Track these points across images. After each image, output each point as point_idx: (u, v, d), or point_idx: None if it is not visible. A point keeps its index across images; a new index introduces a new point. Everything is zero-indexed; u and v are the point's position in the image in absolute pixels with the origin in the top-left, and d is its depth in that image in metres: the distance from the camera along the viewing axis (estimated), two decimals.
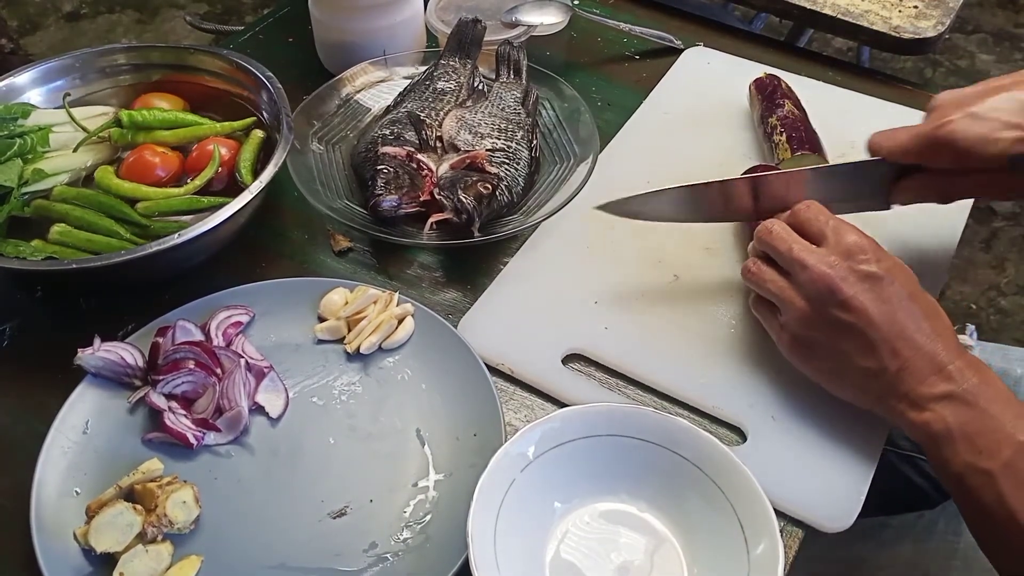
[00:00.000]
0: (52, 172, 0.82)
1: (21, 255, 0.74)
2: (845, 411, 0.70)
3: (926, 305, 0.65)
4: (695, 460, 0.63)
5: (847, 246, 0.65)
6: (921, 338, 0.62)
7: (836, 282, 0.64)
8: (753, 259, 0.71)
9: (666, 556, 0.62)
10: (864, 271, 0.64)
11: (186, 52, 0.91)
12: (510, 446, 0.62)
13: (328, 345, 0.75)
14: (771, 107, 0.90)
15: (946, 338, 0.63)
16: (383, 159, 0.83)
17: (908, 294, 0.64)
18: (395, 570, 0.62)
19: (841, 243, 0.66)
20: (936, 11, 1.05)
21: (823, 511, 0.65)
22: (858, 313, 0.63)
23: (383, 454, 0.68)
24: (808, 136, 0.86)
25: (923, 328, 0.63)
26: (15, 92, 0.86)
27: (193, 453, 0.68)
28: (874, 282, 0.64)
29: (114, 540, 0.60)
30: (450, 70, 0.93)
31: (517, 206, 0.84)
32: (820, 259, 0.65)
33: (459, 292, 0.80)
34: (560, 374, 0.73)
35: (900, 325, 0.63)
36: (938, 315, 0.65)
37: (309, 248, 0.84)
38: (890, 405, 0.63)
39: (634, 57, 1.06)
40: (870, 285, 0.64)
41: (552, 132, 0.91)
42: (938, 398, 0.61)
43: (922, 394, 0.61)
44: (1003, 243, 2.12)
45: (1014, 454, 0.58)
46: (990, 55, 2.62)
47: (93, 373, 0.70)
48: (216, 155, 0.81)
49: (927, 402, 0.61)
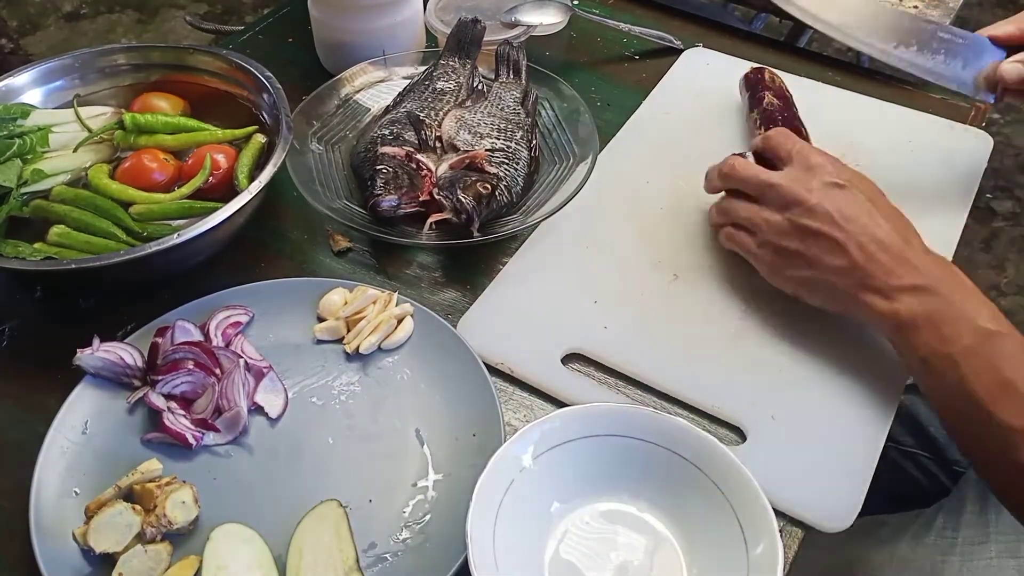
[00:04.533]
0: (51, 172, 0.82)
1: (21, 255, 0.74)
2: (845, 411, 0.70)
3: (887, 209, 0.70)
4: (695, 460, 0.63)
5: (810, 164, 0.72)
6: (884, 234, 0.68)
7: (802, 192, 0.70)
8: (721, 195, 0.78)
9: (665, 556, 0.62)
10: (828, 181, 0.70)
11: (186, 52, 0.91)
12: (509, 446, 0.62)
13: (327, 345, 0.75)
14: (754, 101, 0.90)
15: (909, 236, 0.69)
16: (382, 159, 0.83)
17: (869, 198, 0.70)
18: (394, 570, 0.62)
19: (805, 162, 0.72)
20: (936, 11, 1.04)
21: (823, 511, 0.65)
22: (823, 217, 0.69)
23: (382, 454, 0.68)
24: (786, 126, 0.85)
25: (885, 227, 0.68)
26: (15, 92, 0.86)
27: (192, 453, 0.68)
28: (837, 189, 0.70)
29: (113, 540, 0.60)
30: (449, 70, 0.93)
31: (516, 206, 0.84)
32: (785, 177, 0.72)
33: (458, 292, 0.80)
34: (559, 374, 0.73)
35: (863, 224, 0.68)
36: (900, 217, 0.70)
37: (308, 248, 0.84)
38: (861, 300, 0.67)
39: (634, 57, 1.06)
40: (834, 193, 0.70)
41: (552, 132, 0.91)
42: (906, 288, 0.65)
43: (891, 285, 0.66)
44: (1003, 243, 2.12)
45: (974, 339, 0.62)
46: None
47: (92, 373, 0.70)
48: (207, 164, 0.81)
49: (895, 292, 0.66)
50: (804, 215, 0.70)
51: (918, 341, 0.64)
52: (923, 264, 0.66)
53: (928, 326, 0.64)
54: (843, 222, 0.68)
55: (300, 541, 0.61)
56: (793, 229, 0.70)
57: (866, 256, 0.67)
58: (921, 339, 0.64)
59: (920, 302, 0.65)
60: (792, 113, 0.88)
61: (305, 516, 0.62)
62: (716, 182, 0.79)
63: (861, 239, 0.67)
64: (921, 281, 0.65)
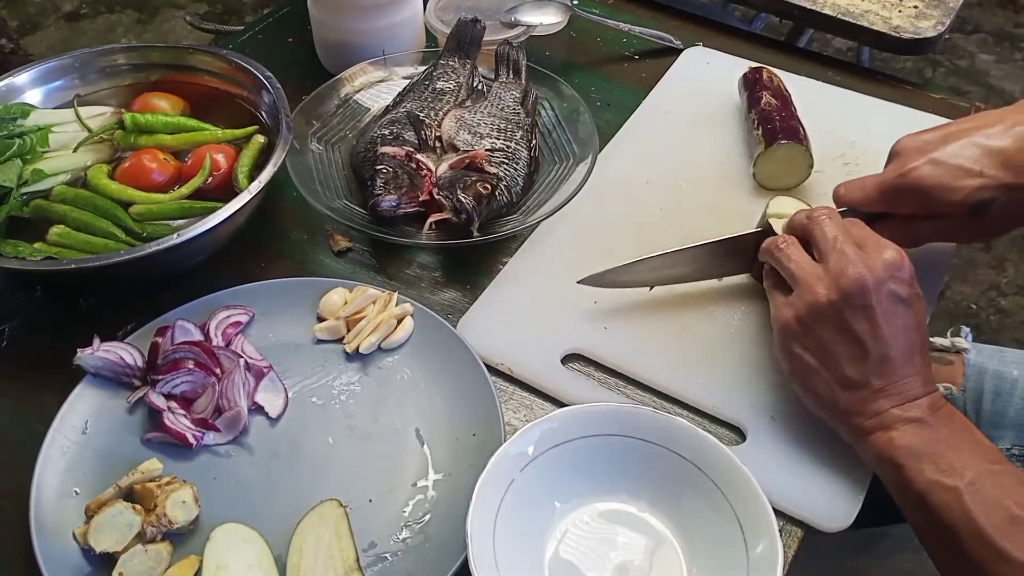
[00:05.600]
0: (51, 172, 0.82)
1: (21, 255, 0.75)
2: None
3: (924, 339, 0.65)
4: (694, 460, 0.63)
5: (889, 260, 0.65)
6: (910, 369, 0.63)
7: (869, 285, 0.63)
8: (784, 236, 0.70)
9: (665, 556, 0.62)
10: (895, 290, 0.64)
11: (186, 52, 0.91)
12: (509, 446, 0.62)
13: (327, 345, 0.75)
14: (752, 101, 0.90)
15: (926, 372, 0.64)
16: (382, 159, 0.83)
17: (917, 325, 0.64)
18: (394, 570, 0.62)
19: (884, 255, 0.65)
20: (936, 11, 1.04)
21: (822, 511, 0.65)
22: (873, 324, 0.63)
23: (382, 454, 0.68)
24: (784, 126, 0.86)
25: (915, 360, 0.64)
26: (15, 92, 0.86)
27: (192, 453, 0.68)
28: (899, 303, 0.64)
29: (113, 540, 0.60)
30: (449, 70, 0.93)
31: (516, 206, 0.84)
32: (864, 258, 0.64)
33: (458, 292, 0.80)
34: (559, 374, 0.73)
35: (900, 351, 0.63)
36: (926, 349, 0.66)
37: (308, 248, 0.84)
38: (855, 422, 0.63)
39: (633, 57, 1.06)
40: (895, 304, 0.64)
41: (551, 132, 0.91)
42: (908, 420, 0.62)
43: (894, 416, 0.62)
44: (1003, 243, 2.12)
45: (978, 475, 0.59)
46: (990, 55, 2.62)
47: (92, 373, 0.70)
48: (206, 164, 0.81)
49: (896, 423, 0.62)
50: (856, 310, 0.63)
51: (917, 472, 0.60)
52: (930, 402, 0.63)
53: (928, 457, 0.60)
54: (887, 340, 0.63)
55: (300, 541, 0.61)
56: (834, 315, 0.64)
57: (883, 383, 0.63)
58: (921, 470, 0.60)
59: (919, 433, 0.61)
60: (790, 113, 0.88)
61: (305, 516, 0.62)
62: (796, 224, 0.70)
63: (888, 367, 0.63)
64: (925, 415, 0.62)
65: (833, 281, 0.64)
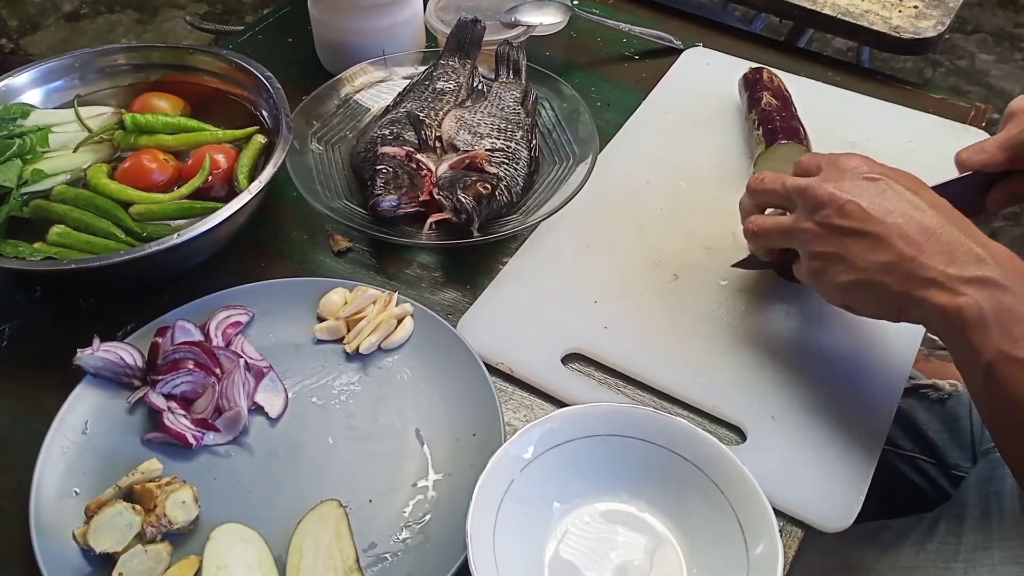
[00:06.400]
0: (51, 172, 0.82)
1: (21, 255, 0.75)
2: (845, 410, 0.70)
3: (933, 200, 0.63)
4: (694, 460, 0.63)
5: (840, 165, 0.66)
6: (934, 222, 0.60)
7: (831, 191, 0.64)
8: (749, 218, 0.72)
9: (665, 556, 0.62)
10: (859, 177, 0.64)
11: (186, 52, 0.91)
12: (509, 446, 0.62)
13: (327, 345, 0.75)
14: (752, 101, 0.90)
15: (964, 225, 0.61)
16: (382, 159, 0.83)
17: (910, 189, 0.63)
18: (394, 570, 0.62)
19: (835, 164, 0.66)
20: (936, 11, 1.04)
21: (822, 511, 0.65)
22: (856, 212, 0.63)
23: (382, 454, 0.68)
24: (784, 126, 0.86)
25: (933, 215, 0.61)
26: (15, 92, 0.86)
27: (192, 453, 0.68)
28: (869, 183, 0.64)
29: (113, 540, 0.60)
30: (449, 70, 0.93)
31: (516, 206, 0.84)
32: (815, 181, 0.66)
33: (458, 292, 0.80)
34: (559, 373, 0.73)
35: (905, 213, 0.61)
36: (951, 209, 0.63)
37: (308, 248, 0.84)
38: (916, 296, 0.60)
39: (634, 57, 1.06)
40: (865, 186, 0.64)
41: (551, 132, 0.91)
42: (970, 281, 0.58)
43: (952, 275, 0.58)
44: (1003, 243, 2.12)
45: None
46: (990, 55, 2.62)
47: (92, 373, 0.70)
48: (206, 164, 0.81)
49: (959, 284, 0.58)
50: (836, 215, 0.63)
51: (984, 342, 0.57)
52: (988, 253, 0.59)
53: (998, 325, 0.56)
54: (880, 215, 0.62)
55: (300, 541, 0.61)
56: (827, 232, 0.64)
57: (914, 247, 0.60)
58: (988, 340, 0.56)
59: (988, 297, 0.57)
60: (790, 113, 0.88)
61: (305, 516, 0.62)
62: (747, 202, 0.73)
63: (906, 229, 0.60)
64: (988, 273, 0.57)
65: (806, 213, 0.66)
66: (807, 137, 0.85)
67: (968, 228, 0.61)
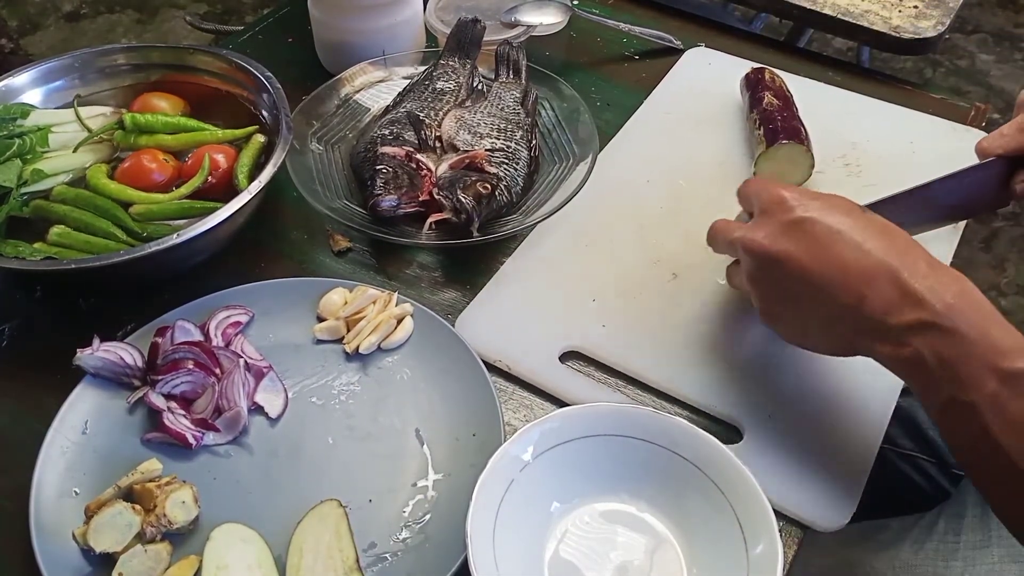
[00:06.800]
0: (51, 172, 0.82)
1: (21, 255, 0.75)
2: (842, 409, 0.70)
3: (872, 229, 0.60)
4: (694, 460, 0.63)
5: (765, 205, 0.63)
6: (871, 264, 0.58)
7: (760, 244, 0.62)
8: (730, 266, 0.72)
9: (665, 556, 0.62)
10: (785, 220, 0.61)
11: (186, 52, 0.91)
12: (509, 446, 0.62)
13: (327, 345, 0.75)
14: (754, 101, 0.90)
15: (907, 256, 0.58)
16: (382, 159, 0.83)
17: (842, 225, 0.60)
18: (394, 570, 0.62)
19: (762, 204, 0.64)
20: (936, 11, 1.04)
21: (818, 509, 0.64)
22: (791, 264, 0.60)
23: (382, 454, 0.68)
24: (786, 126, 0.86)
25: (872, 256, 0.58)
26: (14, 92, 0.86)
27: (192, 453, 0.68)
28: (797, 227, 0.61)
29: (113, 540, 0.60)
30: (449, 70, 0.93)
31: (516, 206, 0.84)
32: (746, 231, 0.64)
33: (458, 292, 0.80)
34: (557, 371, 0.73)
35: (839, 259, 0.59)
36: (891, 234, 0.60)
37: (308, 248, 0.84)
38: (864, 345, 0.59)
39: (634, 57, 1.06)
40: (793, 233, 0.61)
41: (551, 132, 0.91)
42: (911, 327, 0.56)
43: (892, 326, 0.56)
44: (1003, 243, 2.12)
45: (998, 384, 0.53)
46: (990, 55, 2.62)
47: (92, 373, 0.70)
48: (206, 164, 0.81)
49: (900, 334, 0.56)
50: (772, 268, 0.62)
51: (934, 389, 0.56)
52: (927, 291, 0.56)
53: (943, 371, 0.55)
54: (817, 267, 0.59)
55: (300, 541, 0.61)
56: (770, 286, 0.63)
57: (854, 295, 0.58)
58: (937, 386, 0.55)
59: (929, 344, 0.55)
60: (791, 113, 0.88)
61: (305, 516, 0.62)
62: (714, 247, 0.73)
63: (842, 279, 0.58)
64: (927, 316, 0.55)
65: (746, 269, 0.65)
66: (808, 137, 0.85)
67: (907, 256, 0.58)
